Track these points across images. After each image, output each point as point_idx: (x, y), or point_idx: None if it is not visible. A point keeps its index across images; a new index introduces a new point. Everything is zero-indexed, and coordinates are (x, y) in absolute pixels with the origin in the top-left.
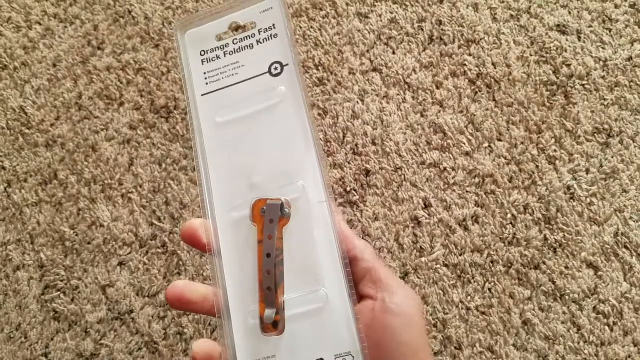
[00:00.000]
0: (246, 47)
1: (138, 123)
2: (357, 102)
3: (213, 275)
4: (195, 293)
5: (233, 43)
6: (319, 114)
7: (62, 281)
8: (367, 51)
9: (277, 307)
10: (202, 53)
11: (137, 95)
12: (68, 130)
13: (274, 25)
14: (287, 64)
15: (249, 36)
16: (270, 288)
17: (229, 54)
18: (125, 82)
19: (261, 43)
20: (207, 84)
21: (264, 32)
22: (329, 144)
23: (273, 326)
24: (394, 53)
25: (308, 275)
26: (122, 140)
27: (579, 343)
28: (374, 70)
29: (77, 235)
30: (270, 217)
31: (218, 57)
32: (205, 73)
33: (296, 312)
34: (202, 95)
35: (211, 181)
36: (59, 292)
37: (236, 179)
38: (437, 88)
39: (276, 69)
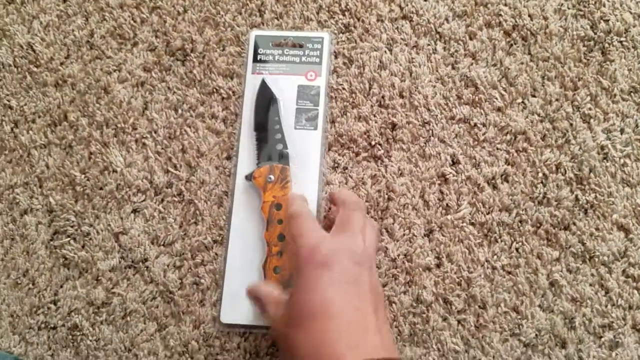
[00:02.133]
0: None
1: (152, 65)
2: (385, 51)
3: None
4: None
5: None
6: (344, 63)
7: (72, 227)
8: None
9: None
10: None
11: (151, 35)
12: (79, 70)
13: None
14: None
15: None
16: None
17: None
18: (139, 21)
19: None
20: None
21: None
22: (354, 95)
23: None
24: (425, 0)
25: None
26: (136, 82)
27: (606, 306)
28: (404, 17)
29: (88, 180)
30: None
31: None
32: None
33: None
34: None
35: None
36: (68, 238)
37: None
38: (470, 39)
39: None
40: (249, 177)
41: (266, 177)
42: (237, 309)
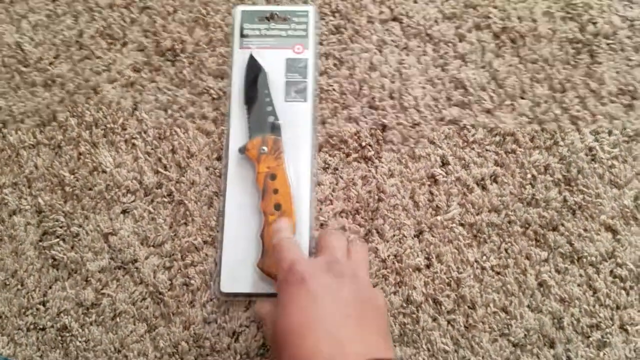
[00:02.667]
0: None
1: (142, 65)
2: (375, 52)
3: None
4: None
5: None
6: (334, 64)
7: (61, 227)
8: None
9: None
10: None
11: (141, 35)
12: (68, 70)
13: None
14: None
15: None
16: None
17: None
18: (128, 21)
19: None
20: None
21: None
22: (344, 96)
23: None
24: (415, 2)
25: None
26: (125, 82)
27: (594, 306)
28: (394, 19)
29: (77, 180)
30: None
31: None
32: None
33: None
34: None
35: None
36: (57, 239)
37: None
38: (460, 41)
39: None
40: (242, 150)
41: (259, 148)
42: (236, 278)
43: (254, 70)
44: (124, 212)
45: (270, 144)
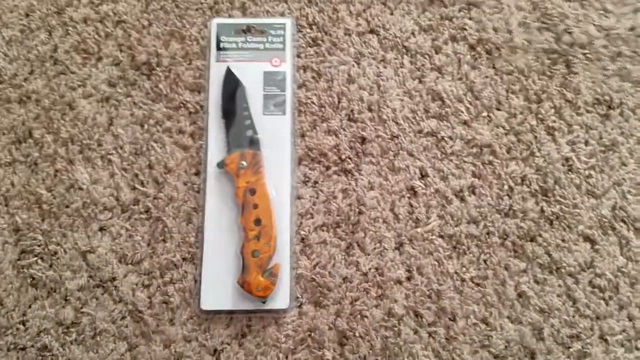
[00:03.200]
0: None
1: (117, 80)
2: (353, 64)
3: None
4: None
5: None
6: (312, 77)
7: (39, 246)
8: (364, 11)
9: None
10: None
11: (116, 49)
12: (43, 86)
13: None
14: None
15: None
16: None
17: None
18: (103, 35)
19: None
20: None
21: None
22: (323, 108)
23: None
24: (391, 14)
25: None
26: (101, 97)
27: (574, 316)
28: (371, 31)
29: (54, 198)
30: None
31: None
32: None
33: None
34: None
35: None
36: (36, 258)
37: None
38: (436, 53)
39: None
40: (220, 165)
41: (238, 163)
42: (217, 295)
43: (231, 84)
44: (101, 229)
45: (249, 158)
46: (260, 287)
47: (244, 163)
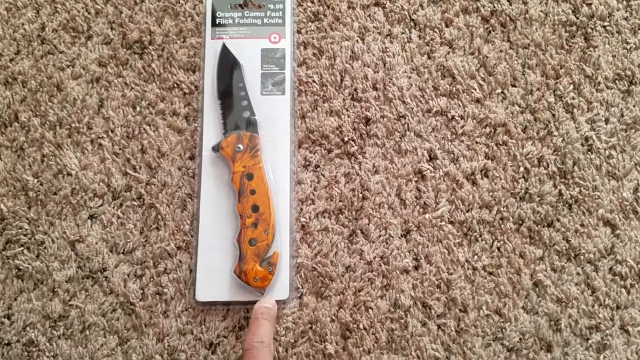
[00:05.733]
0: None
1: (108, 59)
2: (357, 40)
3: None
4: None
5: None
6: (314, 54)
7: (25, 235)
8: None
9: None
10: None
11: (106, 27)
12: (29, 67)
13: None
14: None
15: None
16: None
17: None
18: (93, 12)
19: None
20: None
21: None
22: (324, 88)
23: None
24: None
25: None
26: (91, 78)
27: (593, 306)
28: (376, 4)
29: (41, 184)
30: None
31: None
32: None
33: None
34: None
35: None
36: (22, 248)
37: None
38: (447, 26)
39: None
40: (216, 148)
41: (234, 146)
42: (212, 286)
43: (227, 62)
44: (91, 217)
45: (246, 141)
46: (258, 277)
47: (241, 146)
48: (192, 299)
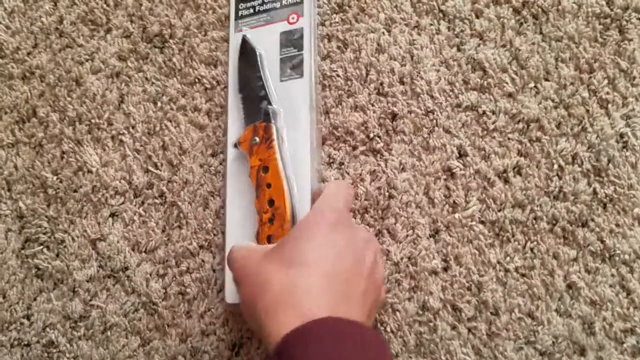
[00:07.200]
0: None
1: (128, 53)
2: (383, 32)
3: None
4: None
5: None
6: (338, 47)
7: (44, 234)
8: None
9: None
10: None
11: (126, 20)
12: (48, 61)
13: None
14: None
15: None
16: None
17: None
18: (112, 5)
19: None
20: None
21: None
22: (349, 82)
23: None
24: None
25: None
26: (110, 73)
27: (628, 309)
28: None
29: (61, 181)
30: None
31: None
32: None
33: None
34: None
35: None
36: (41, 247)
37: None
38: (477, 17)
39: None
40: (236, 144)
41: (251, 140)
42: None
43: (246, 54)
44: (112, 215)
45: (261, 132)
46: None
47: (257, 139)
48: (221, 301)
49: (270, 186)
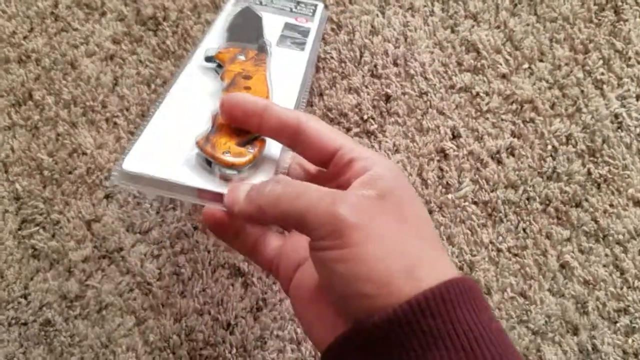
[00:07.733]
0: None
1: (122, 36)
2: (377, 14)
3: None
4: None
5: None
6: (332, 29)
7: (41, 215)
8: None
9: None
10: None
11: (120, 3)
12: (43, 44)
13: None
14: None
15: None
16: None
17: None
18: None
19: None
20: None
21: None
22: (343, 64)
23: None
24: None
25: None
26: (105, 56)
27: (621, 288)
28: None
29: (56, 163)
30: None
31: None
32: None
33: None
34: None
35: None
36: (37, 227)
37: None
38: None
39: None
40: (211, 57)
41: (235, 54)
42: (149, 158)
43: (247, 14)
44: (107, 197)
45: (252, 55)
46: (232, 152)
47: (243, 57)
48: (118, 168)
49: (249, 89)
